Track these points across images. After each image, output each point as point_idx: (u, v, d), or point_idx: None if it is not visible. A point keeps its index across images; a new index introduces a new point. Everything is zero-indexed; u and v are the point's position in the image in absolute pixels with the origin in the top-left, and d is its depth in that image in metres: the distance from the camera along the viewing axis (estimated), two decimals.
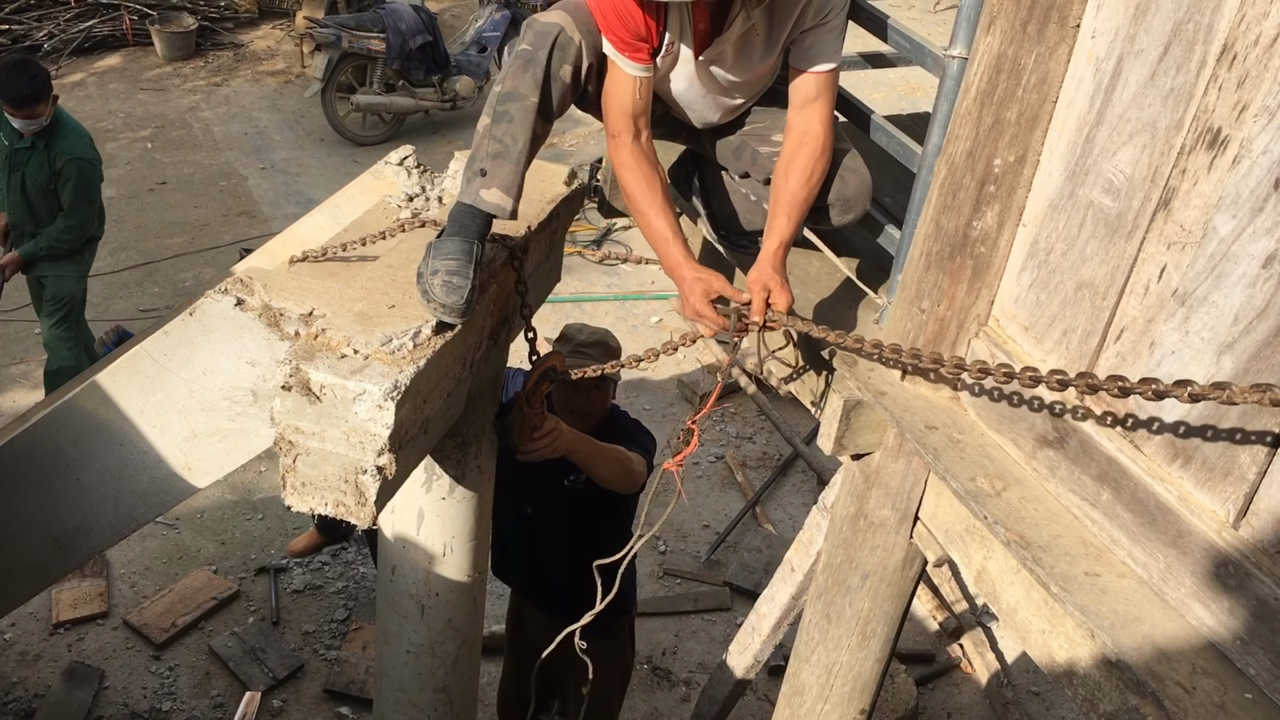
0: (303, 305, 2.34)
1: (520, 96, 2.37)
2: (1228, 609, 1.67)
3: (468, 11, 10.61)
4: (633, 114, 2.44)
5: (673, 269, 2.41)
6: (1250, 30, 1.55)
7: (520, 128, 2.36)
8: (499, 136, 2.37)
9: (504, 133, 2.37)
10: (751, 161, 2.66)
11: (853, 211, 2.56)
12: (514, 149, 2.37)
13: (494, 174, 2.36)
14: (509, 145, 2.37)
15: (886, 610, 2.48)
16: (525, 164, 2.40)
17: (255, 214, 7.60)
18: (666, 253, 2.42)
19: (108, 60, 9.54)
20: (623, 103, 2.43)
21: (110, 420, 2.55)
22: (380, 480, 2.13)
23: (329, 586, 4.89)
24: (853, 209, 2.56)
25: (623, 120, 2.44)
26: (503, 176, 2.36)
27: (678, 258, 2.40)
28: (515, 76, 2.38)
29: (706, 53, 2.44)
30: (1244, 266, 1.59)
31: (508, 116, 2.37)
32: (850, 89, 2.87)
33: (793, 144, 2.44)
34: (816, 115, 2.42)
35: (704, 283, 2.36)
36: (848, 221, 2.60)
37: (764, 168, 2.62)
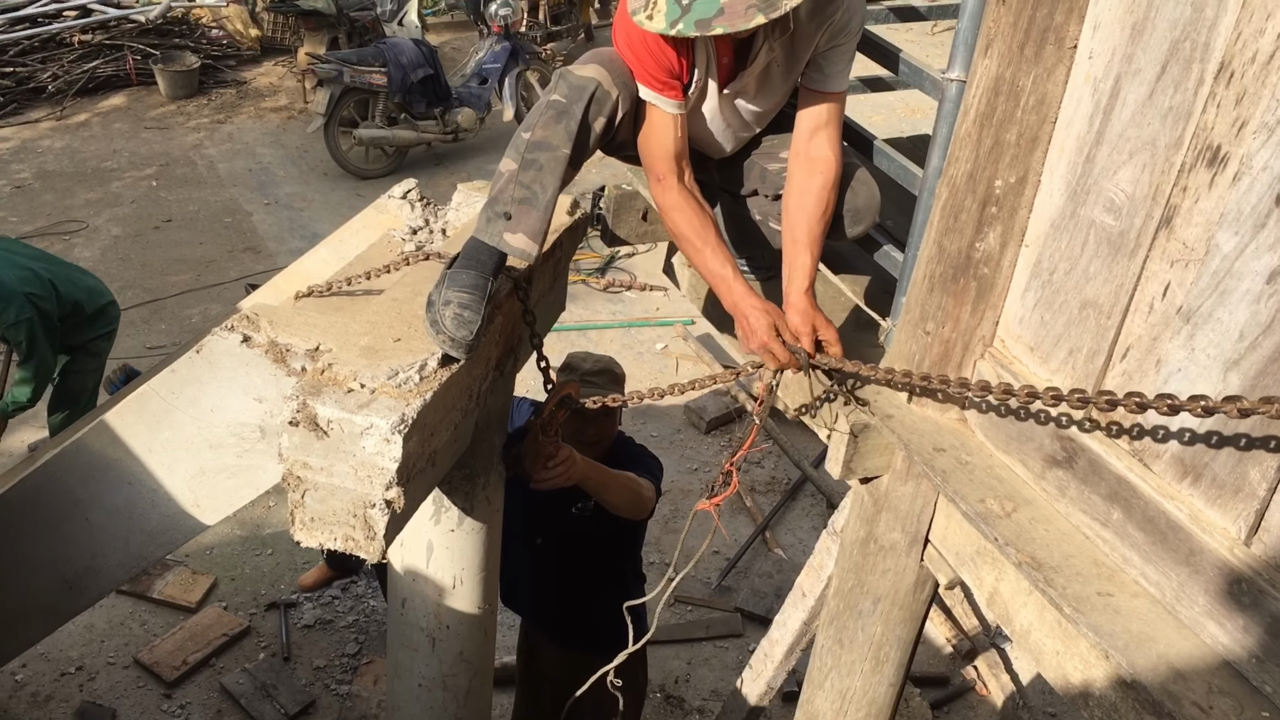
0: (308, 340, 2.35)
1: (552, 147, 2.36)
2: (1242, 627, 1.66)
3: (468, 44, 10.69)
4: (675, 154, 2.44)
5: (735, 304, 2.37)
6: (1247, 47, 1.56)
7: (550, 177, 2.36)
8: (526, 183, 2.36)
9: (532, 179, 2.36)
10: (761, 179, 2.67)
11: (863, 223, 2.57)
12: (542, 197, 2.36)
13: (520, 219, 2.36)
14: (537, 193, 2.36)
15: (899, 634, 2.47)
16: (552, 212, 2.40)
17: (260, 249, 7.63)
18: (727, 289, 2.39)
19: (112, 100, 9.62)
20: (664, 145, 2.43)
21: (119, 459, 2.55)
22: (389, 514, 2.13)
23: (339, 621, 4.88)
24: (862, 220, 2.56)
25: (665, 162, 2.44)
26: (529, 223, 2.36)
27: (740, 291, 2.37)
28: (547, 126, 2.36)
29: (731, 86, 2.46)
30: (1248, 283, 1.59)
31: (537, 165, 2.36)
32: (850, 112, 2.88)
33: (805, 172, 2.43)
34: (828, 141, 2.43)
35: (770, 317, 2.33)
36: (858, 233, 2.60)
37: (773, 183, 2.63)
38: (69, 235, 7.58)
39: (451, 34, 11.36)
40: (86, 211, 7.92)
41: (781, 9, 2.11)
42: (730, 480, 2.44)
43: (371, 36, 9.41)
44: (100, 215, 7.89)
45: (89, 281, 5.03)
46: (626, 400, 2.63)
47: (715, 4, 2.11)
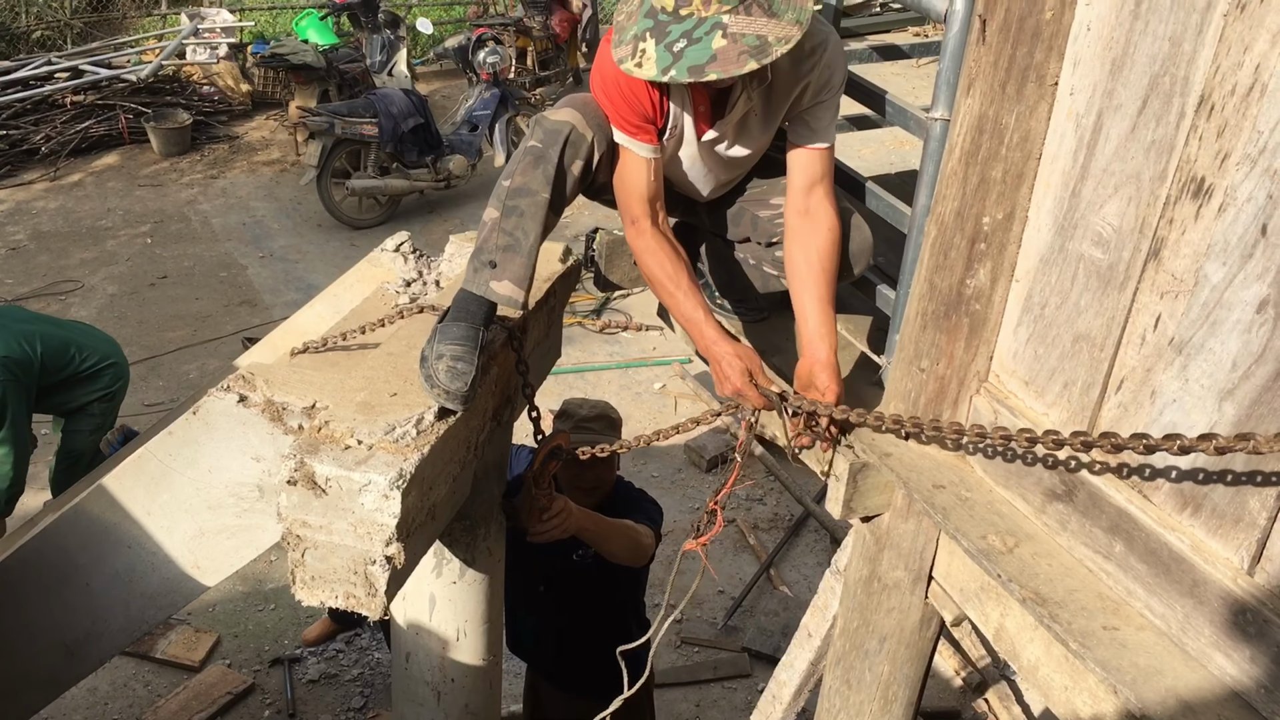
0: (305, 398, 2.35)
1: (531, 192, 2.38)
2: (1249, 657, 1.65)
3: (458, 92, 10.77)
4: (649, 198, 2.45)
5: (708, 348, 2.39)
6: (1226, 80, 1.57)
7: (531, 223, 2.38)
8: (509, 230, 2.38)
9: (514, 226, 2.38)
10: (752, 226, 2.68)
11: (858, 266, 2.57)
12: (525, 243, 2.38)
13: (505, 266, 2.37)
14: (519, 239, 2.37)
15: (907, 673, 2.45)
16: (536, 257, 2.41)
17: (256, 303, 7.64)
18: (699, 333, 2.40)
19: (105, 159, 9.67)
20: (638, 188, 2.45)
21: (118, 523, 2.54)
22: (389, 570, 2.12)
23: (344, 674, 4.84)
24: (858, 263, 2.56)
25: (639, 206, 2.45)
26: (514, 270, 2.37)
27: (712, 335, 2.38)
28: (525, 173, 2.38)
29: (708, 134, 2.47)
30: (1238, 313, 1.60)
31: (518, 211, 2.37)
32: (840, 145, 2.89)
33: (809, 230, 2.43)
34: (826, 196, 2.43)
35: (743, 360, 2.34)
36: (850, 279, 2.61)
37: (765, 231, 2.64)
38: (65, 295, 7.59)
39: (441, 83, 11.44)
40: (82, 271, 7.94)
41: (773, 55, 2.13)
42: (715, 519, 2.44)
43: (361, 88, 9.47)
44: (96, 274, 7.91)
45: (88, 341, 4.98)
46: (616, 448, 2.63)
47: (708, 51, 2.13)
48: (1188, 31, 1.62)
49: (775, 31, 2.13)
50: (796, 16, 2.16)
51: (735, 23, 2.13)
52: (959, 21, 2.13)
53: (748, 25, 2.13)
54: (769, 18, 2.13)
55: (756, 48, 2.12)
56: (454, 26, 11.98)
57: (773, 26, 2.13)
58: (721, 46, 2.13)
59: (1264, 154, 1.53)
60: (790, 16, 2.15)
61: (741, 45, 2.12)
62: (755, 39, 2.12)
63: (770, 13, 2.14)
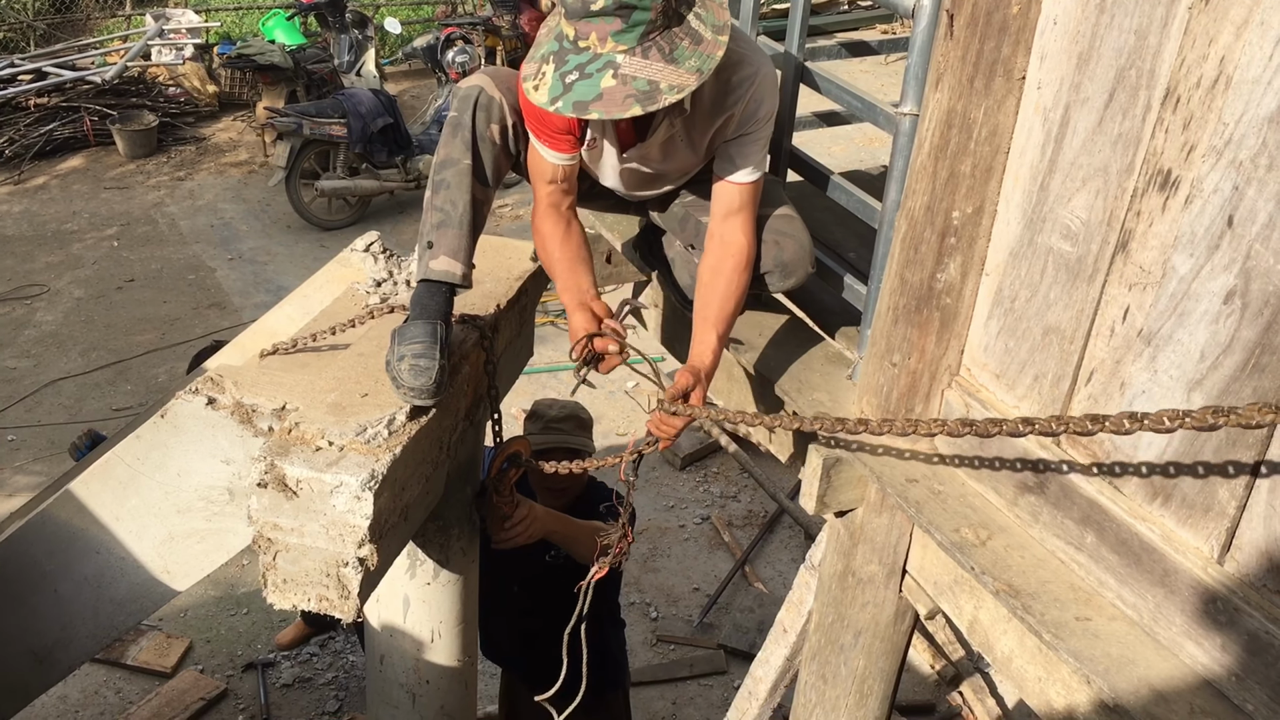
0: (275, 400, 2.33)
1: (454, 162, 2.40)
2: (1220, 646, 1.66)
3: (426, 91, 10.73)
4: (553, 187, 2.47)
5: (566, 305, 2.44)
6: (1191, 73, 1.58)
7: (458, 192, 2.39)
8: (439, 206, 2.40)
9: (443, 200, 2.40)
10: (695, 234, 2.66)
11: (793, 277, 2.54)
12: (454, 214, 2.39)
13: (440, 243, 2.38)
14: (450, 212, 2.39)
15: (882, 666, 2.46)
16: (470, 228, 2.41)
17: (226, 305, 7.58)
18: (564, 292, 2.45)
19: (70, 162, 9.57)
20: (544, 177, 2.47)
21: (86, 529, 2.51)
22: (362, 572, 2.10)
23: (319, 678, 4.81)
24: (793, 274, 2.53)
25: (542, 188, 2.48)
26: (448, 243, 2.38)
27: (570, 305, 2.42)
28: (446, 144, 2.41)
29: (630, 153, 2.47)
30: (1205, 304, 1.61)
31: (445, 184, 2.40)
32: (809, 141, 2.90)
33: (717, 254, 2.42)
34: (739, 226, 2.41)
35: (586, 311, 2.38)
36: (789, 287, 2.58)
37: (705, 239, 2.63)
38: (30, 300, 7.51)
39: (410, 82, 11.39)
40: (48, 275, 7.85)
41: (660, 103, 2.08)
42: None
43: (330, 88, 9.41)
44: (62, 278, 7.82)
45: None
46: (572, 468, 2.63)
47: (595, 88, 2.09)
48: (1153, 24, 1.63)
49: (669, 78, 2.08)
50: (698, 65, 2.10)
51: (628, 64, 2.08)
52: (927, 16, 2.14)
53: (641, 68, 2.08)
54: (666, 63, 2.09)
55: (645, 93, 2.08)
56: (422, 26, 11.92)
57: (668, 73, 2.08)
58: (609, 86, 2.08)
59: (1229, 146, 1.54)
60: (691, 64, 2.10)
61: (629, 88, 2.08)
62: (646, 84, 2.08)
63: (669, 59, 2.09)
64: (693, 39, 2.12)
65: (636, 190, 2.67)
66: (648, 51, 2.09)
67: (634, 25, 2.07)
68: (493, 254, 2.90)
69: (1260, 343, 1.54)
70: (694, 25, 2.14)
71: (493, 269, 2.85)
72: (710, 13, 2.18)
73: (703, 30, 2.14)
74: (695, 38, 2.13)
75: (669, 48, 2.10)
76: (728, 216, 2.41)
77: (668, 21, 2.10)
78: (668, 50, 2.10)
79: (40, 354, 6.94)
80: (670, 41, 2.10)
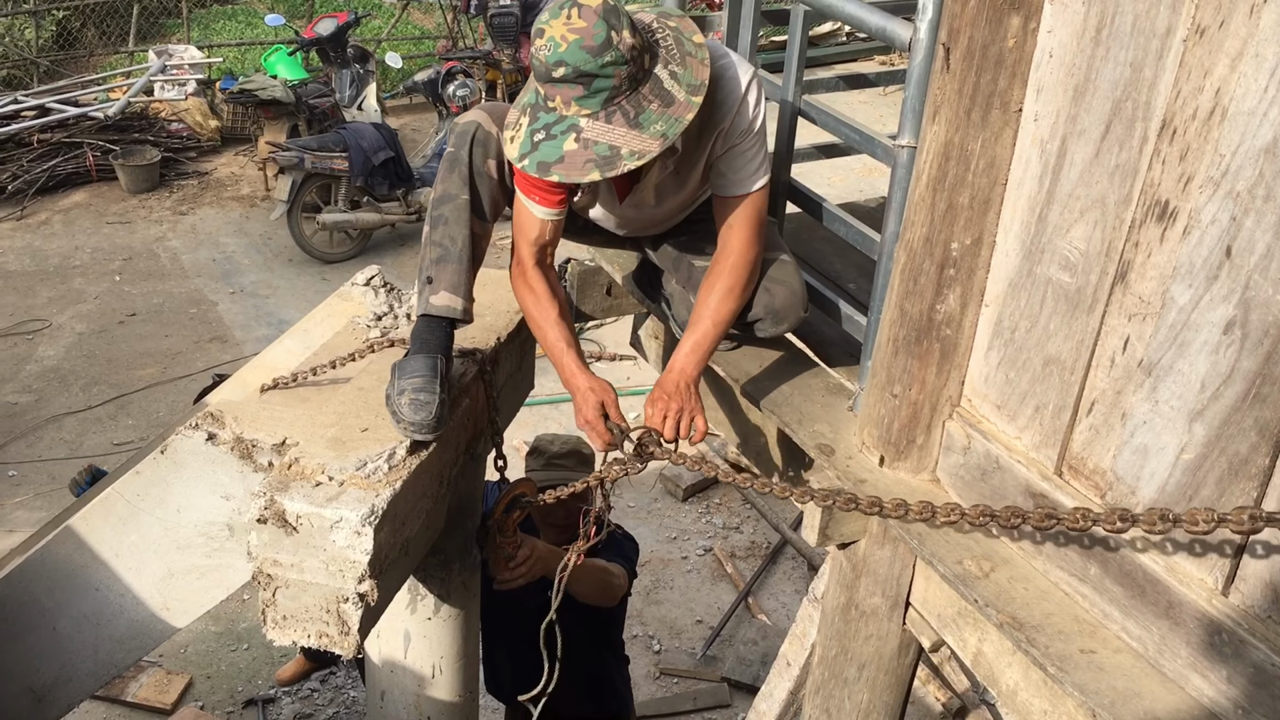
0: (275, 435, 2.33)
1: (451, 197, 2.39)
2: (1226, 678, 1.65)
3: (428, 125, 10.78)
4: (537, 244, 2.44)
5: (566, 381, 2.41)
6: (1187, 105, 1.59)
7: (456, 227, 2.39)
8: (438, 241, 2.40)
9: (442, 236, 2.39)
10: (688, 276, 2.66)
11: (785, 322, 2.54)
12: (454, 249, 2.38)
13: (439, 278, 2.38)
14: (449, 247, 2.39)
15: (886, 700, 2.44)
16: (469, 263, 2.40)
17: (227, 339, 7.59)
18: (561, 364, 2.42)
19: (73, 197, 9.60)
20: (529, 235, 2.44)
21: (85, 565, 2.50)
22: (363, 608, 2.09)
23: (319, 715, 4.78)
24: (784, 320, 2.54)
25: (526, 248, 2.45)
26: (448, 278, 2.38)
27: (572, 368, 2.40)
28: (444, 179, 2.41)
29: (627, 200, 2.48)
30: (1205, 334, 1.61)
31: (443, 219, 2.40)
32: (807, 171, 2.90)
33: (714, 260, 2.43)
34: (735, 234, 2.40)
35: (596, 394, 2.36)
36: (782, 332, 2.59)
37: (699, 283, 2.61)
38: (32, 335, 7.52)
39: (411, 116, 11.44)
40: (50, 309, 7.86)
41: (618, 169, 2.09)
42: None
43: (331, 122, 9.44)
44: (64, 312, 7.83)
45: None
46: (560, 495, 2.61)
47: (558, 151, 2.10)
48: (1148, 57, 1.64)
49: (632, 144, 2.08)
50: (664, 129, 2.10)
51: (591, 129, 2.09)
52: (923, 50, 2.15)
53: (603, 133, 2.09)
54: (629, 128, 2.09)
55: (605, 159, 2.08)
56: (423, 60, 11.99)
57: (630, 138, 2.09)
58: (571, 150, 2.09)
59: (1226, 176, 1.54)
60: (656, 129, 2.09)
61: (590, 153, 2.08)
62: (607, 149, 2.08)
63: (633, 123, 2.09)
64: (663, 100, 2.11)
65: (634, 230, 2.68)
66: (611, 116, 2.09)
67: (596, 92, 2.07)
68: (493, 286, 2.90)
69: (1261, 373, 1.54)
70: (667, 86, 2.12)
71: (492, 302, 2.85)
72: (688, 70, 2.15)
73: (675, 91, 2.13)
74: (666, 99, 2.12)
75: (634, 112, 2.10)
76: (726, 232, 2.41)
77: (634, 84, 2.10)
78: (632, 115, 2.10)
79: (42, 389, 6.93)
80: (637, 105, 2.10)
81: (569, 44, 2.04)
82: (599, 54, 2.04)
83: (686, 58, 2.17)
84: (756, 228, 2.41)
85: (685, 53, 2.17)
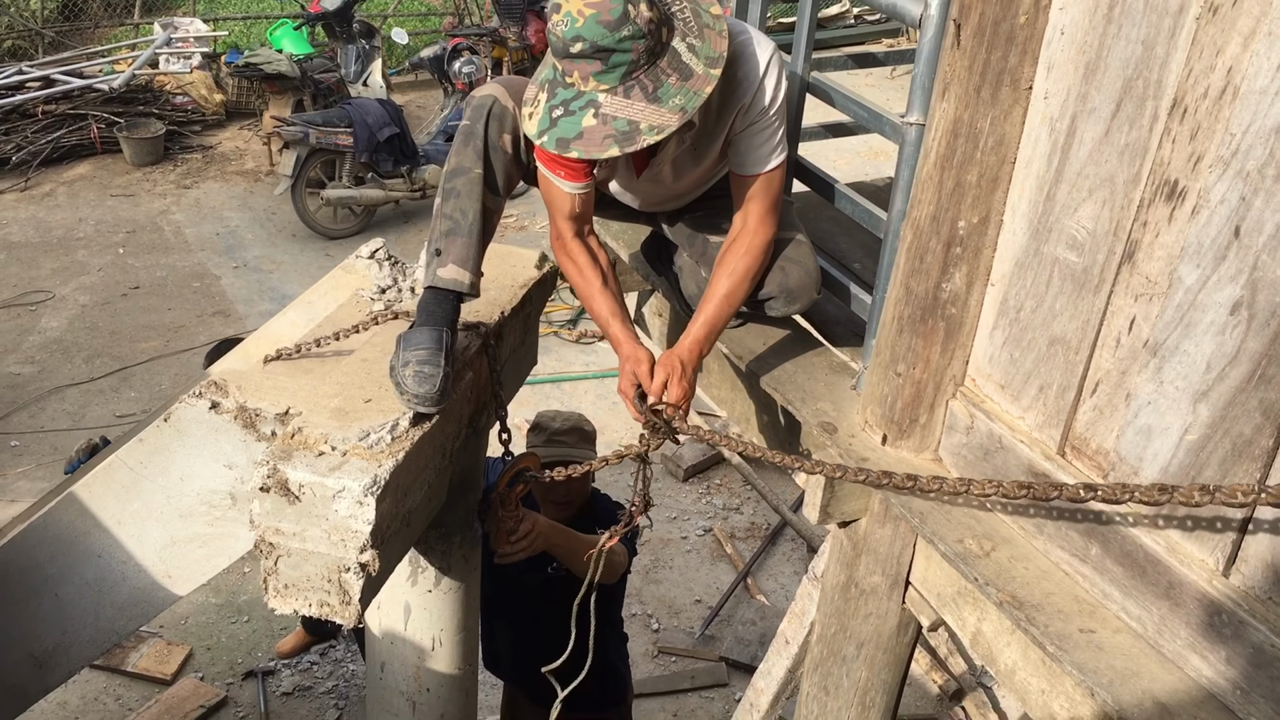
0: (278, 405, 2.33)
1: (465, 170, 2.39)
2: (1225, 659, 1.65)
3: (433, 102, 10.75)
4: (574, 218, 2.45)
5: (616, 348, 2.45)
6: (1199, 84, 1.58)
7: (469, 201, 2.38)
8: (448, 213, 2.39)
9: (453, 209, 2.39)
10: (702, 251, 2.66)
11: (798, 302, 2.55)
12: (464, 223, 2.38)
13: (449, 251, 2.37)
14: (459, 220, 2.38)
15: (884, 679, 2.45)
16: (480, 237, 2.40)
17: (230, 313, 7.59)
18: (610, 333, 2.46)
19: (77, 169, 9.59)
20: (563, 210, 2.45)
21: (88, 532, 2.51)
22: (364, 578, 2.10)
23: (319, 687, 4.80)
24: (797, 299, 2.54)
25: (563, 223, 2.46)
26: (457, 251, 2.37)
27: (618, 336, 2.44)
28: (458, 152, 2.40)
29: (645, 173, 2.47)
30: (1212, 314, 1.61)
31: (455, 193, 2.39)
32: (813, 155, 2.90)
33: (728, 240, 2.44)
34: (752, 212, 2.40)
35: (631, 365, 2.38)
36: (794, 311, 2.59)
37: (713, 259, 2.60)
38: (35, 306, 7.52)
39: (416, 93, 11.41)
40: (53, 281, 7.86)
41: (638, 144, 2.09)
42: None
43: (336, 98, 9.42)
44: (67, 284, 7.83)
45: None
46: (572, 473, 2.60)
47: (577, 127, 2.10)
48: (1160, 35, 1.63)
49: (650, 119, 2.08)
50: (683, 103, 2.09)
51: (609, 104, 2.08)
52: (933, 26, 2.14)
53: (622, 108, 2.08)
54: (648, 103, 2.08)
55: (624, 134, 2.08)
56: (429, 37, 11.95)
57: (649, 113, 2.08)
58: (590, 126, 2.09)
59: (1236, 156, 1.53)
60: (675, 103, 2.09)
61: (609, 128, 2.08)
62: (626, 124, 2.08)
63: (652, 98, 2.09)
64: (681, 74, 2.11)
65: (650, 205, 2.67)
66: (629, 91, 2.09)
67: (614, 67, 2.07)
68: (497, 261, 2.89)
69: (1267, 354, 1.54)
70: (684, 59, 2.12)
71: (497, 276, 2.85)
72: (706, 43, 2.15)
73: (693, 64, 2.12)
74: (684, 73, 2.11)
75: (653, 86, 2.09)
76: (744, 211, 2.42)
77: (652, 58, 2.09)
78: (651, 89, 2.09)
79: (45, 360, 6.94)
80: (655, 79, 2.09)
81: (585, 19, 2.04)
82: (616, 28, 2.03)
83: (704, 30, 2.16)
84: (773, 206, 2.41)
85: (703, 25, 2.16)
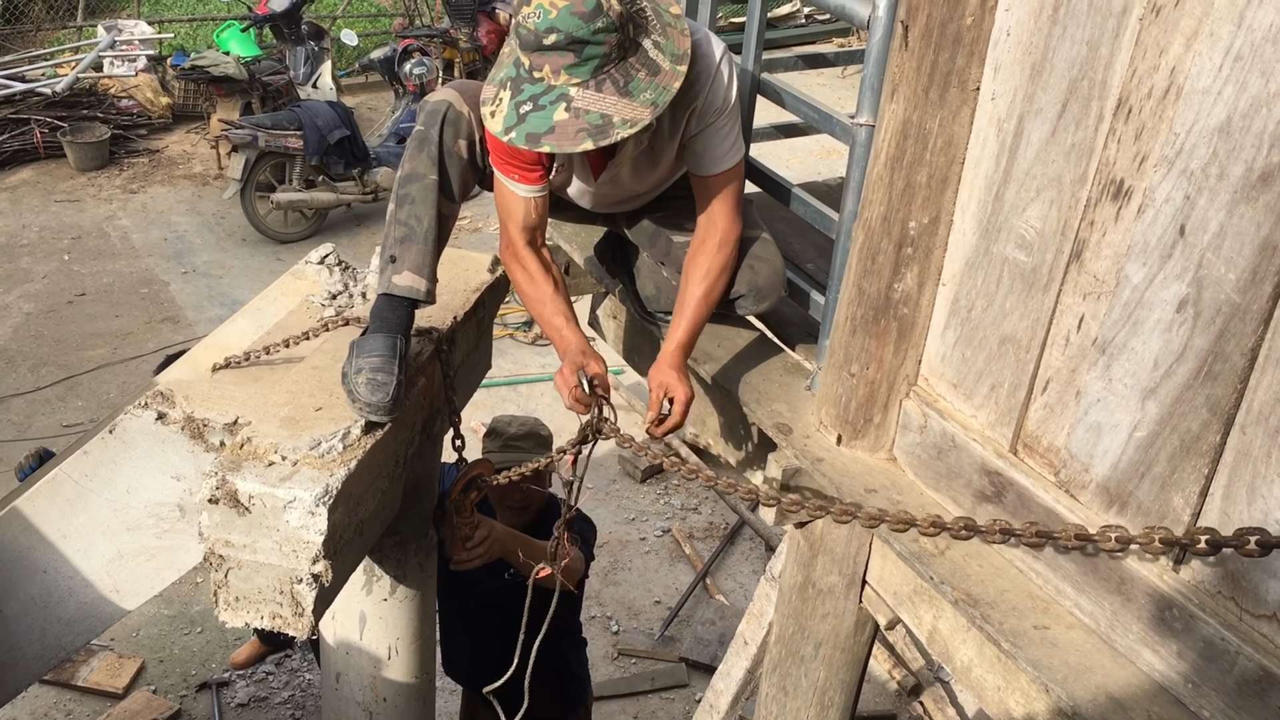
0: (226, 414, 2.29)
1: (419, 176, 2.36)
2: (1176, 652, 1.67)
3: (384, 104, 10.65)
4: (526, 224, 2.41)
5: (565, 347, 2.37)
6: (1143, 84, 1.60)
7: (423, 207, 2.36)
8: (403, 220, 2.37)
9: (408, 215, 2.36)
10: (665, 251, 2.65)
11: (766, 300, 2.55)
12: (419, 229, 2.36)
13: (403, 258, 2.35)
14: (414, 227, 2.36)
15: (842, 678, 2.45)
16: (435, 244, 2.38)
17: (179, 319, 7.48)
18: (561, 336, 2.39)
19: (20, 175, 9.40)
20: (515, 216, 2.41)
21: (32, 547, 2.46)
22: (317, 589, 2.07)
23: (274, 698, 4.74)
24: (766, 297, 2.54)
25: (516, 230, 2.42)
26: (412, 258, 2.35)
27: (569, 339, 2.37)
28: (413, 158, 2.38)
29: (603, 175, 2.46)
30: (1159, 312, 1.62)
31: (410, 199, 2.37)
32: (765, 155, 2.90)
33: (696, 241, 2.43)
34: (718, 211, 2.40)
35: (576, 361, 2.32)
36: (763, 310, 2.59)
37: (677, 259, 2.59)
38: None
39: (367, 95, 11.30)
40: None
41: (612, 137, 2.07)
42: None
43: (285, 100, 9.31)
44: (11, 292, 7.68)
45: None
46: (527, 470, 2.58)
47: (548, 121, 2.08)
48: (1104, 36, 1.64)
49: (623, 112, 2.07)
50: (654, 97, 2.09)
51: (581, 97, 2.07)
52: (882, 28, 2.15)
53: (594, 102, 2.07)
54: (620, 97, 2.07)
55: (597, 127, 2.07)
56: (379, 38, 11.85)
57: (621, 106, 2.07)
58: (562, 120, 2.07)
59: (1181, 155, 1.55)
60: (646, 97, 2.09)
61: (582, 122, 2.06)
62: (599, 118, 2.06)
63: (623, 91, 2.08)
64: (649, 70, 2.11)
65: (608, 206, 2.66)
66: (601, 85, 2.07)
67: (587, 59, 2.05)
68: (450, 265, 2.87)
69: (1213, 350, 1.56)
70: (652, 55, 2.12)
71: (450, 281, 2.83)
72: (670, 41, 2.15)
73: (660, 60, 2.12)
74: (652, 68, 2.11)
75: (624, 80, 2.08)
76: (708, 211, 2.41)
77: (623, 53, 2.09)
78: (622, 83, 2.08)
79: None
80: (625, 74, 2.09)
81: (559, 10, 2.02)
82: (590, 19, 2.02)
83: (667, 28, 2.17)
84: (736, 204, 2.42)
85: (665, 23, 2.17)
